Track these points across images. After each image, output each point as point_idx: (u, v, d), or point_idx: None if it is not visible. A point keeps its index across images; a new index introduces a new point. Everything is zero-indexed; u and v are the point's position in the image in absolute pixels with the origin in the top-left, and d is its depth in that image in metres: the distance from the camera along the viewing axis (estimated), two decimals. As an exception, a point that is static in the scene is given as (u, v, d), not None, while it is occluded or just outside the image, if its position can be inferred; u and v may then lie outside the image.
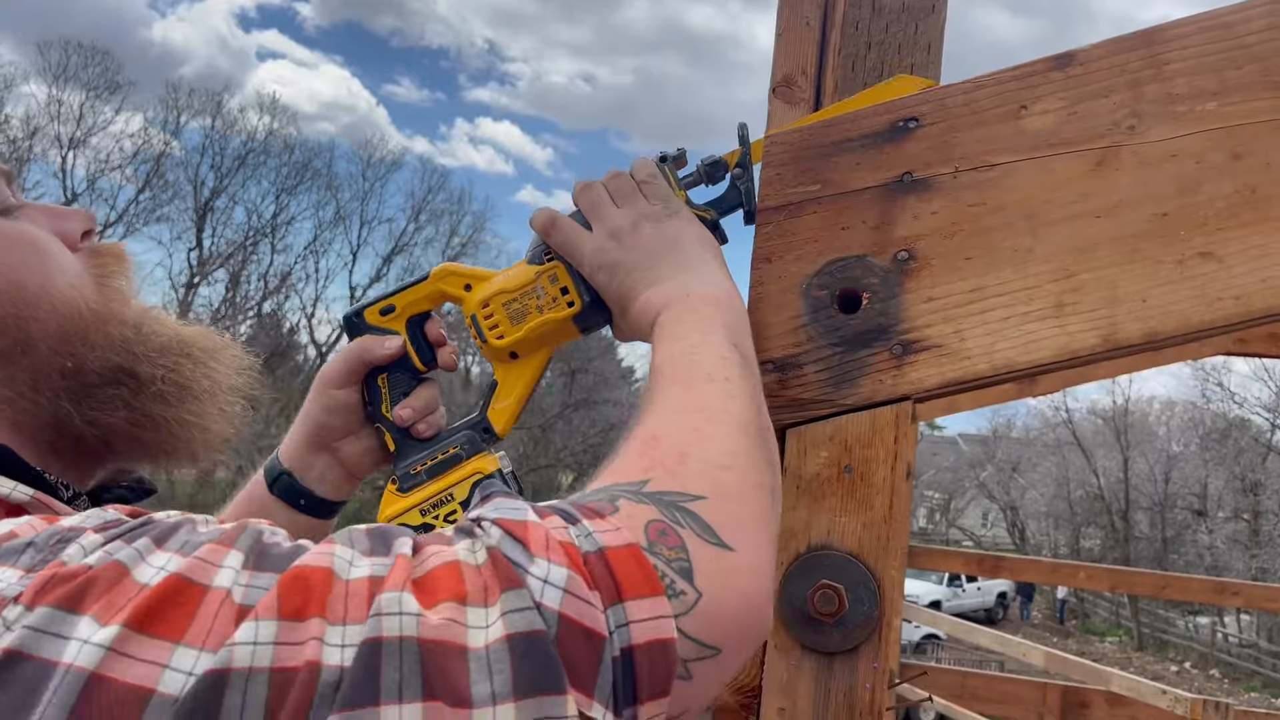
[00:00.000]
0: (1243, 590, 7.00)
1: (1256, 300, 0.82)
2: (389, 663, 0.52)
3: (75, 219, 0.85)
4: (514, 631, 0.54)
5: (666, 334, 0.88)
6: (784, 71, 0.99)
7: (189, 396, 0.82)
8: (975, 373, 0.87)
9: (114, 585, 0.52)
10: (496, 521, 0.60)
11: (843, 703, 0.87)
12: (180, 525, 0.58)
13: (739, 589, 0.64)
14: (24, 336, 0.74)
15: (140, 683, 0.49)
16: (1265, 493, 30.43)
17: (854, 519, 0.89)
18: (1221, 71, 0.84)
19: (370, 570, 0.56)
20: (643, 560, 0.60)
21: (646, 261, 0.97)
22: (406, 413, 1.07)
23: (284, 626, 0.52)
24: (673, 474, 0.68)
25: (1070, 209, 0.86)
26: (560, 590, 0.56)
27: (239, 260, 30.01)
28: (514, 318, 1.05)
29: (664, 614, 0.59)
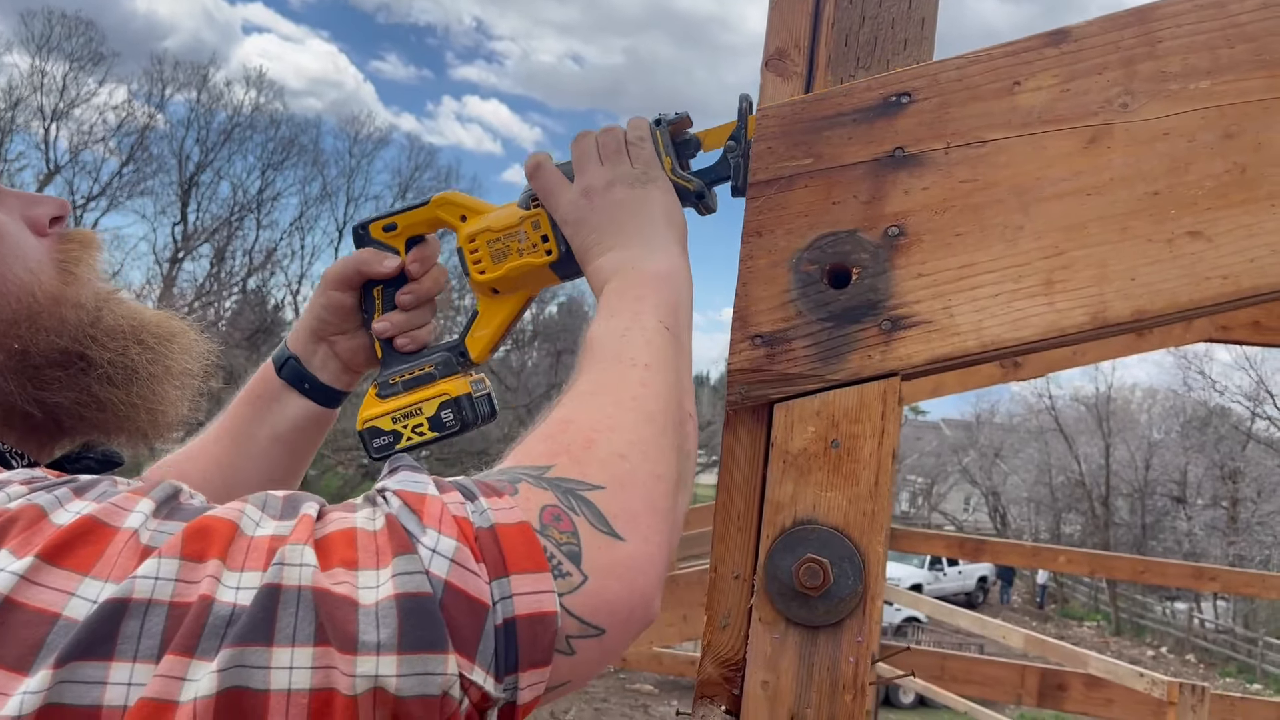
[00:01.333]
0: (1220, 575, 7.08)
1: (1244, 280, 0.82)
2: (285, 609, 0.56)
3: (45, 205, 0.87)
4: (402, 591, 0.58)
5: (604, 308, 0.92)
6: (777, 44, 0.98)
7: (136, 380, 0.85)
8: (964, 349, 0.87)
9: (32, 525, 0.56)
10: (397, 493, 0.64)
11: (826, 676, 0.88)
12: (100, 480, 0.62)
13: (625, 577, 0.68)
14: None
15: (48, 607, 0.53)
16: (1244, 480, 30.73)
17: (840, 494, 0.89)
18: (1215, 50, 0.84)
19: (274, 530, 0.60)
20: (532, 539, 0.64)
21: (607, 226, 1.00)
22: (383, 325, 1.15)
23: (184, 566, 0.56)
24: (577, 461, 0.72)
25: (1061, 186, 0.86)
26: (447, 560, 0.60)
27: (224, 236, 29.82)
28: (496, 256, 1.10)
29: (547, 589, 0.63)
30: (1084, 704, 5.87)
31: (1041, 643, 5.25)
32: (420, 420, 1.11)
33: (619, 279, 0.95)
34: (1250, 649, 25.74)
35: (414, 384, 1.14)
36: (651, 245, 0.97)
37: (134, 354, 0.85)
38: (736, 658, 0.93)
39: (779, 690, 0.88)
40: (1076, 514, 35.85)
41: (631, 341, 0.86)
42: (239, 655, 0.54)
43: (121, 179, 28.57)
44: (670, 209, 1.01)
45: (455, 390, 1.11)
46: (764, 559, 0.90)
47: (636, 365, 0.84)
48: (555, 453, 0.72)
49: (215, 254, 29.53)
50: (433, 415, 1.11)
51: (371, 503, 0.65)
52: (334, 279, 1.16)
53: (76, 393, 0.82)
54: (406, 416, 1.12)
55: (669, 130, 1.04)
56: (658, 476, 0.75)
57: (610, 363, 0.84)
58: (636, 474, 0.74)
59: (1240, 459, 31.18)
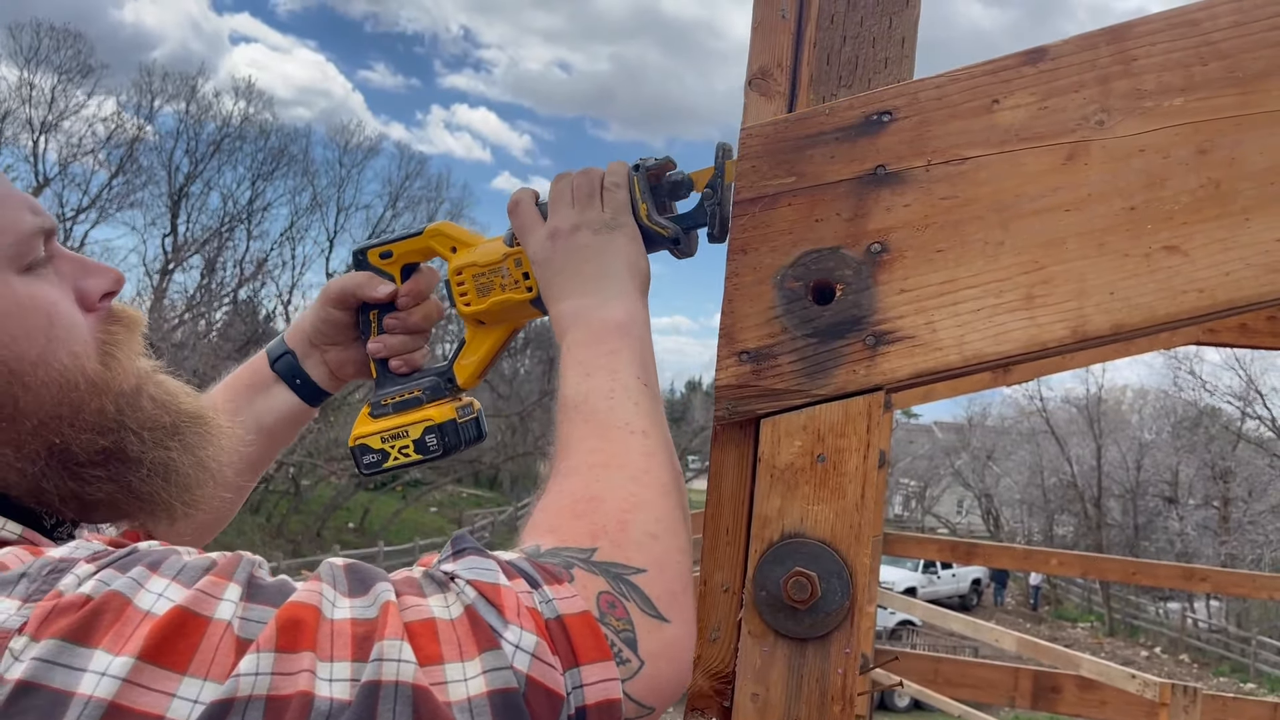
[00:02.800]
0: (1211, 576, 7.11)
1: (1219, 293, 0.84)
2: (384, 705, 0.57)
3: (100, 277, 0.84)
4: (493, 688, 0.60)
5: (575, 362, 0.94)
6: (760, 64, 0.99)
7: (175, 477, 0.83)
8: (947, 363, 0.88)
9: (119, 615, 0.56)
10: (471, 583, 0.66)
11: (815, 688, 0.89)
12: (169, 554, 0.62)
13: (675, 659, 0.74)
14: (11, 407, 0.73)
15: (151, 710, 0.53)
16: (1235, 480, 30.85)
17: (827, 507, 0.90)
18: (1189, 68, 0.86)
19: (351, 613, 0.61)
20: (596, 629, 0.68)
21: (568, 269, 1.03)
22: (375, 346, 1.18)
23: (280, 658, 0.56)
24: (617, 545, 0.75)
25: (1040, 202, 0.88)
26: (529, 655, 0.63)
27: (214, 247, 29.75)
28: (480, 290, 1.14)
29: (612, 677, 0.67)
30: (1077, 706, 5.88)
31: (1034, 645, 5.27)
32: (406, 443, 1.15)
33: (580, 329, 0.97)
34: (1244, 648, 25.82)
35: (403, 407, 1.17)
36: (607, 293, 0.99)
37: (175, 453, 0.83)
38: (726, 670, 0.94)
39: (768, 702, 0.89)
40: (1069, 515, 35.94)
41: (621, 405, 0.88)
42: None
43: (111, 191, 28.49)
44: (633, 257, 1.03)
45: (440, 416, 1.15)
46: (752, 572, 0.91)
47: (635, 433, 0.86)
48: (595, 534, 0.76)
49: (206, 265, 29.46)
50: (418, 439, 1.15)
51: (440, 586, 0.66)
52: (331, 297, 1.19)
53: (115, 486, 0.80)
54: (395, 437, 1.16)
55: (647, 175, 1.06)
56: (683, 550, 0.80)
57: (609, 430, 0.86)
58: (669, 553, 0.78)
59: (1231, 459, 31.31)
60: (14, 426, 0.74)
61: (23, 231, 0.76)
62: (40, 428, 0.75)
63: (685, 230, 1.07)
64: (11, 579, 0.58)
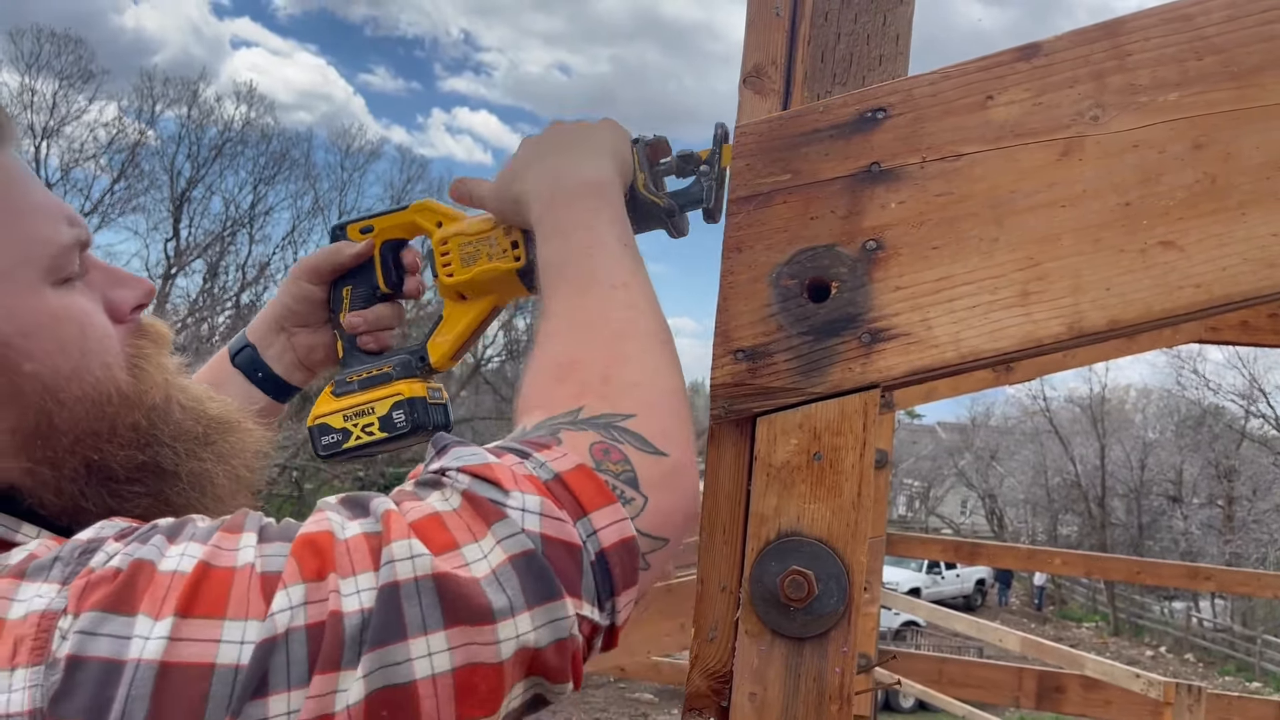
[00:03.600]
0: (1215, 575, 7.10)
1: (1215, 289, 0.83)
2: (409, 601, 0.59)
3: (131, 288, 0.83)
4: (512, 554, 0.62)
5: (550, 224, 0.92)
6: (754, 62, 0.99)
7: (209, 491, 0.84)
8: (943, 360, 0.88)
9: (150, 580, 0.57)
10: (462, 469, 0.67)
11: (812, 687, 0.88)
12: (185, 522, 0.64)
13: (676, 487, 0.76)
14: (46, 424, 0.73)
15: (201, 659, 0.55)
16: (1239, 479, 30.80)
17: (823, 505, 0.90)
18: (1183, 63, 0.86)
19: (361, 528, 0.62)
20: (594, 477, 0.70)
21: (543, 141, 1.01)
22: (355, 319, 1.15)
23: (309, 588, 0.58)
24: (602, 398, 0.77)
25: (1035, 199, 0.87)
26: (537, 515, 0.65)
27: (217, 251, 29.78)
28: (465, 260, 1.10)
29: (622, 518, 0.69)
30: (1082, 706, 5.87)
31: (1038, 645, 5.26)
32: (371, 420, 1.10)
33: (555, 189, 0.94)
34: (1249, 647, 25.77)
35: (370, 383, 1.12)
36: (581, 156, 0.97)
37: (209, 464, 0.83)
38: (724, 670, 0.94)
39: (766, 702, 0.89)
40: (1073, 515, 35.90)
41: (601, 262, 0.87)
42: (379, 657, 0.57)
43: (113, 196, 28.53)
44: (615, 141, 1.00)
45: (410, 391, 1.10)
46: (749, 571, 0.90)
47: (616, 286, 0.86)
48: (578, 395, 0.77)
49: (208, 269, 29.50)
50: (384, 415, 1.09)
51: (433, 485, 0.67)
52: (306, 269, 1.17)
53: (151, 501, 0.79)
54: (358, 415, 1.10)
55: (645, 150, 1.05)
56: (673, 391, 0.81)
57: (590, 288, 0.85)
58: (658, 395, 0.80)
59: (1235, 457, 31.27)
60: (50, 444, 0.73)
61: (61, 244, 0.75)
62: (77, 444, 0.74)
63: (680, 207, 1.06)
64: (46, 564, 0.59)
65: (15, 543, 0.69)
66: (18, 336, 0.71)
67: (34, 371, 0.72)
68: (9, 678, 0.54)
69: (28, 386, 0.71)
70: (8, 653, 0.55)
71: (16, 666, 0.54)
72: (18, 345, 0.71)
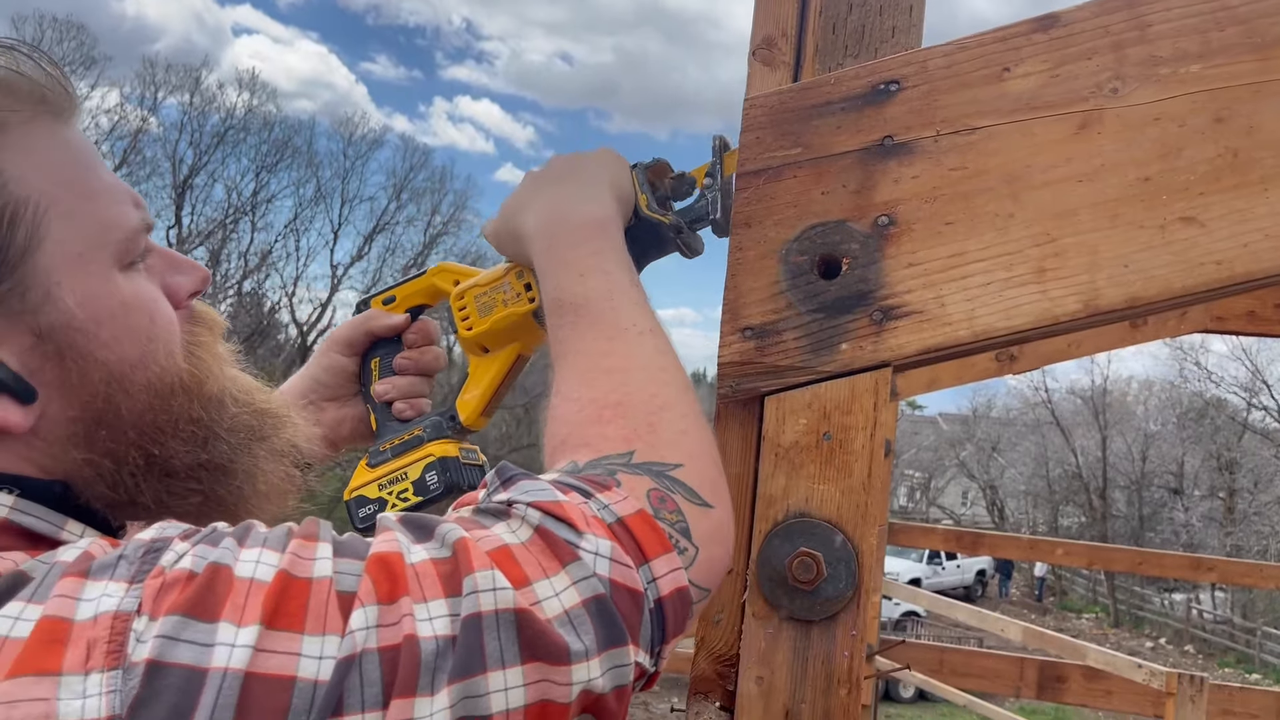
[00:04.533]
0: (1218, 566, 7.09)
1: (1237, 265, 0.81)
2: (489, 634, 0.59)
3: (189, 274, 0.81)
4: (585, 597, 0.63)
5: (562, 261, 0.91)
6: (764, 33, 0.97)
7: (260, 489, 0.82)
8: (956, 339, 0.86)
9: (229, 586, 0.56)
10: (533, 505, 0.67)
11: (820, 670, 0.87)
12: (248, 526, 0.63)
13: (723, 540, 0.76)
14: (113, 413, 0.71)
15: (283, 671, 0.54)
16: (1240, 471, 30.80)
17: (833, 486, 0.88)
18: (1205, 34, 0.83)
19: (428, 554, 0.62)
20: (654, 524, 0.70)
21: (543, 175, 1.00)
22: (384, 387, 1.15)
23: (383, 609, 0.57)
24: (651, 446, 0.77)
25: (1052, 173, 0.85)
26: (608, 560, 0.65)
27: (219, 238, 29.76)
28: (482, 310, 1.09)
29: (677, 567, 0.69)
30: (1083, 696, 5.86)
31: (1040, 635, 5.25)
32: (405, 485, 1.10)
33: (559, 225, 0.94)
34: (1249, 639, 25.79)
35: (402, 449, 1.12)
36: (583, 192, 0.96)
37: (262, 460, 0.82)
38: (730, 653, 0.92)
39: (773, 685, 0.87)
40: (1074, 506, 35.91)
41: (624, 307, 0.87)
42: (465, 688, 0.57)
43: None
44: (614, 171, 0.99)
45: (441, 452, 1.10)
46: (756, 553, 0.89)
47: (644, 333, 0.85)
48: (628, 439, 0.77)
49: (210, 257, 29.43)
50: (417, 479, 1.09)
51: (499, 515, 0.67)
52: (339, 341, 1.16)
53: (203, 498, 0.78)
54: (392, 482, 1.10)
55: (645, 173, 1.03)
56: (710, 442, 0.82)
57: (617, 333, 0.85)
58: (700, 445, 0.80)
59: (1237, 450, 31.25)
60: (114, 435, 0.71)
61: (130, 228, 0.73)
62: (141, 437, 0.72)
63: (689, 224, 1.04)
64: (110, 562, 0.57)
65: (60, 540, 0.67)
66: (90, 323, 0.69)
67: (104, 359, 0.70)
68: (83, 682, 0.52)
69: (96, 374, 0.69)
70: (80, 656, 0.53)
71: (91, 670, 0.52)
72: (91, 332, 0.69)
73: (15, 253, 0.66)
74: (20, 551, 0.61)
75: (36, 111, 0.70)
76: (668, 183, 1.06)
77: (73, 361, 0.69)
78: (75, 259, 0.69)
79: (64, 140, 0.71)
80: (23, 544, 0.64)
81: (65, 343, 0.68)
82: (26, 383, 0.67)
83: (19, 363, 0.67)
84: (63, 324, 0.68)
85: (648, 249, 1.04)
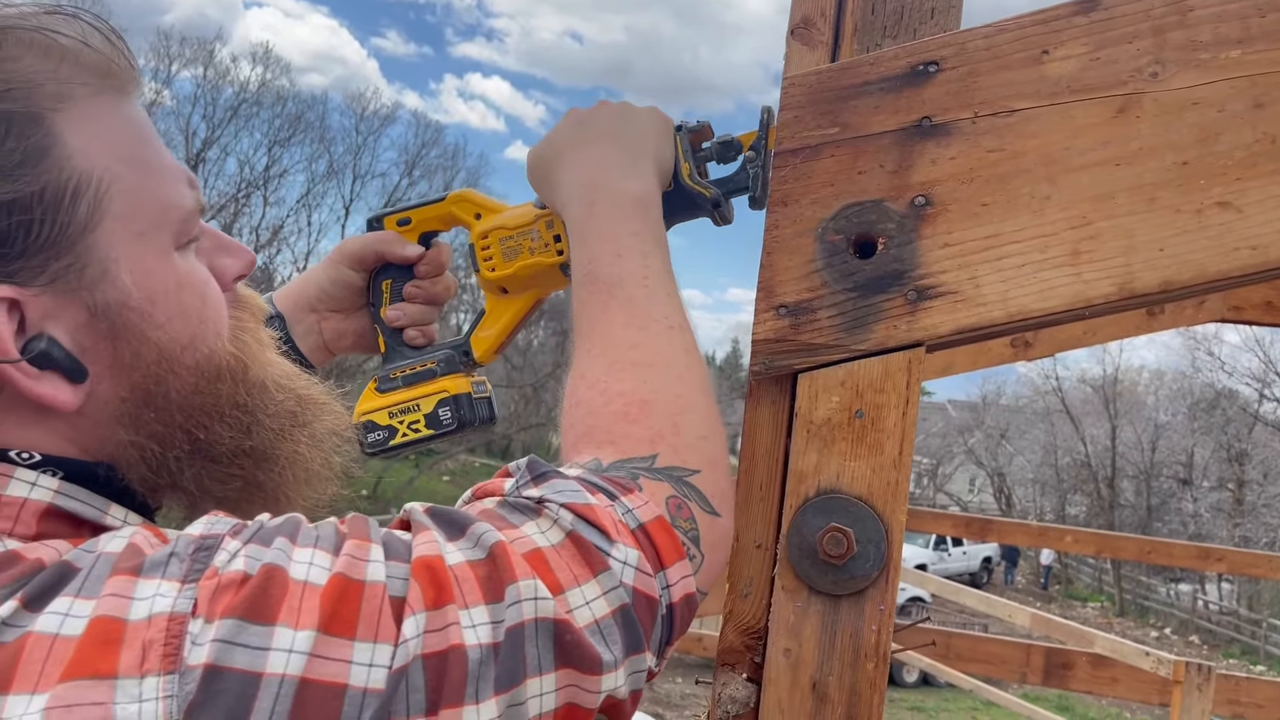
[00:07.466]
0: (1226, 556, 7.08)
1: (1273, 250, 0.82)
2: (529, 642, 0.60)
3: (237, 258, 0.81)
4: (614, 607, 0.65)
5: (601, 235, 0.91)
6: (803, 13, 0.97)
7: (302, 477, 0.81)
8: (990, 319, 0.87)
9: (284, 588, 0.55)
10: (565, 506, 0.68)
11: (848, 644, 0.88)
12: (296, 522, 0.62)
13: (724, 549, 0.80)
14: (162, 394, 0.70)
15: (335, 679, 0.54)
16: (1250, 463, 30.70)
17: (864, 463, 0.89)
18: (1246, 19, 0.84)
19: (464, 556, 0.62)
20: (672, 532, 0.71)
21: (579, 133, 0.99)
22: (395, 313, 1.13)
23: (430, 616, 0.58)
24: (674, 449, 0.78)
25: (1089, 156, 0.86)
26: (634, 569, 0.67)
27: (231, 212, 29.76)
28: (507, 254, 1.09)
29: (688, 574, 0.71)
30: (1089, 683, 5.89)
31: (1047, 622, 5.27)
32: (417, 417, 1.10)
33: (602, 197, 0.93)
34: (1254, 630, 25.78)
35: (414, 380, 1.11)
36: (628, 165, 0.96)
37: (304, 447, 0.81)
38: (758, 626, 0.93)
39: (801, 658, 0.89)
40: (1082, 495, 35.87)
41: (657, 296, 0.87)
42: (511, 698, 0.59)
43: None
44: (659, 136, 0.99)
45: (455, 388, 1.09)
46: (787, 528, 0.90)
47: (673, 328, 0.86)
48: (653, 440, 0.78)
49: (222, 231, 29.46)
50: (430, 412, 1.09)
51: (530, 513, 0.68)
52: (350, 255, 1.14)
53: (243, 483, 0.77)
54: (404, 412, 1.10)
55: (688, 137, 1.03)
56: (724, 445, 0.83)
57: (648, 323, 0.85)
58: (717, 450, 0.81)
59: (1247, 441, 31.14)
60: (162, 418, 0.70)
61: (187, 208, 0.73)
62: (188, 420, 0.71)
63: (725, 195, 1.04)
64: (161, 560, 0.56)
65: (104, 525, 0.66)
66: (147, 302, 0.68)
67: (156, 340, 0.69)
68: (138, 686, 0.51)
69: (148, 354, 0.69)
70: (136, 658, 0.51)
71: (147, 674, 0.51)
72: (145, 311, 0.68)
73: (76, 228, 0.65)
74: (63, 540, 0.60)
75: (102, 85, 0.68)
76: (714, 147, 1.05)
77: (126, 341, 0.68)
78: (135, 237, 0.68)
79: (127, 116, 0.70)
80: (66, 529, 0.64)
81: (120, 321, 0.67)
82: (78, 361, 0.66)
83: (71, 340, 0.66)
84: (119, 302, 0.67)
85: (680, 213, 1.04)
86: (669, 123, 1.02)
